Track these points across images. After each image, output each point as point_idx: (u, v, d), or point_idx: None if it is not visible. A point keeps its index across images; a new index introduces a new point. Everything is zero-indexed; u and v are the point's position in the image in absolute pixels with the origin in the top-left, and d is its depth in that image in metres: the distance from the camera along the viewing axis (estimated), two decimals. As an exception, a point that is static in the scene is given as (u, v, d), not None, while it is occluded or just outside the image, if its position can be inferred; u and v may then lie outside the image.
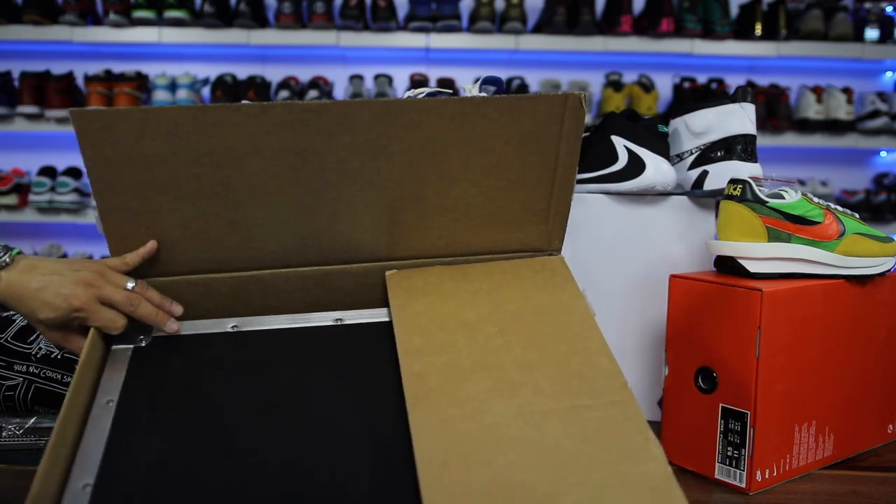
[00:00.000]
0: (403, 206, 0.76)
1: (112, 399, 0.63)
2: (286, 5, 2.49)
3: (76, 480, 0.55)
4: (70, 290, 0.67)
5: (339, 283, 0.78)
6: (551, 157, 0.75)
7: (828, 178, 2.83)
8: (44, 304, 0.66)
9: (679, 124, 0.99)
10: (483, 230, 0.79)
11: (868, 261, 0.81)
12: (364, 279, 0.78)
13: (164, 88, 2.55)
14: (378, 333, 0.72)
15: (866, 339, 0.82)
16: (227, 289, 0.76)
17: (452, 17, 2.52)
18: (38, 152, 2.72)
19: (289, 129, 0.68)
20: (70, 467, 0.56)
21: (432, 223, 0.77)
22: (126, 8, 2.49)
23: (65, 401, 0.59)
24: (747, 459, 0.69)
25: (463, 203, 0.77)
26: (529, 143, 0.74)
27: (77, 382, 0.61)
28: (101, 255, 2.73)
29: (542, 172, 0.76)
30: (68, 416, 0.58)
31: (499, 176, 0.75)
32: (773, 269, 0.79)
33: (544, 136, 0.74)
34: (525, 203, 0.78)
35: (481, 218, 0.78)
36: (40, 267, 0.68)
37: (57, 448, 0.55)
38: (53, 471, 0.54)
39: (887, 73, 2.91)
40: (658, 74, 2.75)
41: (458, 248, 0.79)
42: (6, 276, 0.67)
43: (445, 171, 0.74)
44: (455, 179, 0.75)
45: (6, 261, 0.68)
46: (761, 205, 0.80)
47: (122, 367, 0.67)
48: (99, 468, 0.56)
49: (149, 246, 0.72)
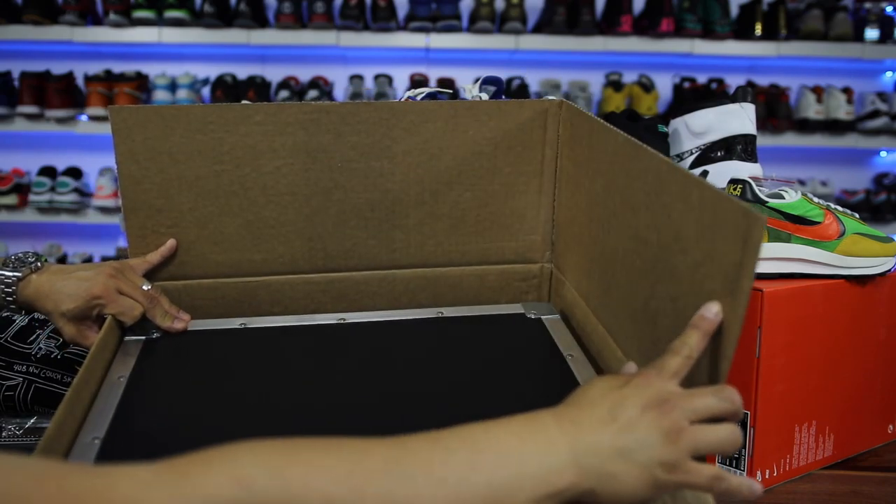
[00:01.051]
0: (405, 211, 0.79)
1: (123, 375, 0.67)
2: (286, 5, 2.49)
3: (87, 434, 0.58)
4: (91, 279, 0.72)
5: (344, 291, 0.82)
6: (536, 162, 0.79)
7: (828, 178, 2.83)
8: (66, 297, 0.71)
9: (679, 124, 0.99)
10: (478, 238, 0.82)
11: (868, 261, 0.81)
12: (366, 287, 0.82)
13: (164, 88, 2.55)
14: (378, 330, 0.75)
15: (866, 339, 0.82)
16: (237, 293, 0.81)
17: (452, 17, 2.52)
18: (38, 152, 2.73)
19: (302, 128, 0.74)
20: (81, 424, 0.60)
21: (431, 229, 0.80)
22: (126, 8, 2.49)
23: (81, 369, 0.62)
24: (747, 459, 0.69)
25: (459, 209, 0.80)
26: (517, 147, 0.79)
27: (92, 357, 0.65)
28: (102, 255, 2.73)
29: (529, 178, 0.80)
30: (86, 378, 0.62)
31: (490, 180, 0.79)
32: (773, 269, 0.79)
33: (529, 141, 0.78)
34: (516, 210, 0.81)
35: (476, 225, 0.81)
36: (67, 269, 0.75)
37: (72, 403, 0.58)
38: (66, 423, 0.57)
39: (887, 73, 2.91)
40: (658, 74, 2.75)
41: (455, 256, 0.82)
42: (36, 278, 0.73)
43: (442, 174, 0.78)
44: (451, 183, 0.79)
45: (37, 265, 0.74)
46: (761, 205, 0.80)
47: (133, 353, 0.71)
48: (109, 425, 0.60)
49: (169, 244, 0.78)
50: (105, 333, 0.70)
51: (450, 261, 0.82)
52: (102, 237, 2.76)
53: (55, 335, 0.84)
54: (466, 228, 0.81)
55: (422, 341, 0.73)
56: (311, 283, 0.81)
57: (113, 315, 0.72)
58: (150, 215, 0.76)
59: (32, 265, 0.74)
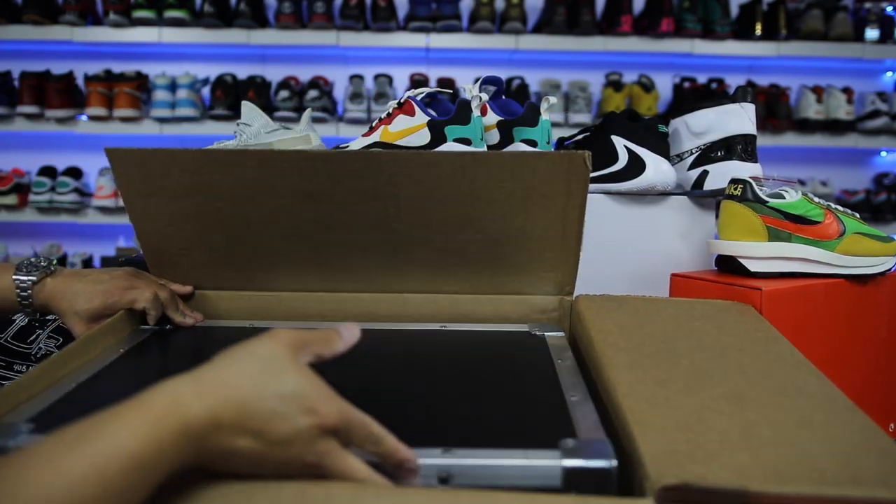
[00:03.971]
0: (412, 247, 0.78)
1: (124, 349, 0.70)
2: (286, 5, 2.49)
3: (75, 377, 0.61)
4: (107, 282, 0.75)
5: (353, 310, 0.82)
6: (558, 210, 0.75)
7: (828, 178, 2.83)
8: (82, 297, 0.73)
9: (679, 124, 0.99)
10: (492, 273, 0.80)
11: (868, 260, 0.81)
12: (376, 306, 0.82)
13: (164, 88, 2.54)
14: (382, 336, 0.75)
15: (866, 337, 0.82)
16: (249, 305, 0.83)
17: (452, 17, 2.52)
18: (38, 152, 2.72)
19: (297, 173, 0.72)
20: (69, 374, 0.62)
21: (442, 262, 0.79)
22: (126, 8, 2.49)
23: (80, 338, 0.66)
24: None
25: (471, 248, 0.78)
26: (534, 197, 0.74)
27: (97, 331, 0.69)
28: (101, 255, 2.73)
29: (548, 224, 0.76)
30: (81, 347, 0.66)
31: (504, 225, 0.76)
32: (773, 269, 0.79)
33: (550, 192, 0.74)
34: (532, 251, 0.78)
35: (490, 262, 0.79)
36: (83, 272, 0.77)
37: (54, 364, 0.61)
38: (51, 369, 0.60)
39: (887, 73, 2.91)
40: (658, 74, 2.75)
41: (468, 287, 0.81)
42: (51, 281, 0.75)
43: (450, 218, 0.76)
44: (461, 225, 0.76)
45: (51, 269, 0.76)
46: (762, 204, 0.80)
47: (139, 338, 0.73)
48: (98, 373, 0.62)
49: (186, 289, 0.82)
50: (115, 320, 0.73)
51: (461, 290, 0.82)
52: (102, 237, 2.76)
53: (55, 335, 0.84)
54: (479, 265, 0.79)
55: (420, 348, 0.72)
56: (323, 300, 0.83)
57: (126, 306, 0.75)
58: (161, 239, 0.78)
59: (47, 269, 0.75)
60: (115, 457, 0.37)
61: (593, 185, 0.97)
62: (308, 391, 0.43)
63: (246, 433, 0.41)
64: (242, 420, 0.41)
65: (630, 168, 0.93)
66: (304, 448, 0.42)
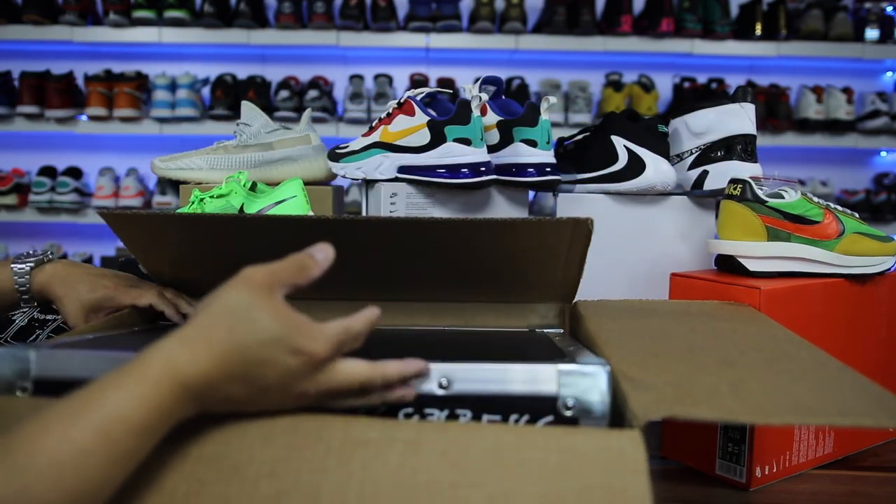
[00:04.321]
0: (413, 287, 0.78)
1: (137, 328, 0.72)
2: (286, 5, 2.49)
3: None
4: (107, 276, 0.77)
5: None
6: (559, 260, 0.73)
7: (828, 178, 2.84)
8: (85, 285, 0.74)
9: (679, 124, 0.99)
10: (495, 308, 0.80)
11: (867, 260, 0.81)
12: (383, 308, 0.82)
13: (164, 88, 2.54)
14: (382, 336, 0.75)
15: (866, 337, 0.82)
16: None
17: (452, 17, 2.53)
18: (38, 152, 2.73)
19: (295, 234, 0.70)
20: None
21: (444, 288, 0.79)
22: (126, 8, 2.49)
23: None
24: (747, 455, 0.69)
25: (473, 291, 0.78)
26: (533, 255, 0.73)
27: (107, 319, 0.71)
28: (101, 255, 2.73)
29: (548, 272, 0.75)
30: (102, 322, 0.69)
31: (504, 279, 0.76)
32: (772, 268, 0.79)
33: (550, 252, 0.72)
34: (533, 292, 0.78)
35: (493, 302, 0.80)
36: (80, 264, 0.79)
37: None
38: None
39: (887, 73, 2.92)
40: (658, 74, 2.75)
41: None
42: (50, 266, 0.76)
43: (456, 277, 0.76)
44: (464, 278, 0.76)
45: (49, 257, 0.77)
46: (761, 204, 0.80)
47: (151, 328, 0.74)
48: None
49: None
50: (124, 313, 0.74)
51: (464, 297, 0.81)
52: (102, 237, 2.76)
53: (55, 335, 0.84)
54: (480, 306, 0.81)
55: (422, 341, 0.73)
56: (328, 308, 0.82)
57: (128, 303, 0.75)
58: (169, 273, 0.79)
59: (45, 256, 0.77)
60: (120, 422, 0.38)
61: (593, 186, 0.97)
62: (288, 332, 0.44)
63: (240, 384, 0.43)
64: (234, 374, 0.43)
65: (630, 168, 0.93)
66: (303, 383, 0.44)
